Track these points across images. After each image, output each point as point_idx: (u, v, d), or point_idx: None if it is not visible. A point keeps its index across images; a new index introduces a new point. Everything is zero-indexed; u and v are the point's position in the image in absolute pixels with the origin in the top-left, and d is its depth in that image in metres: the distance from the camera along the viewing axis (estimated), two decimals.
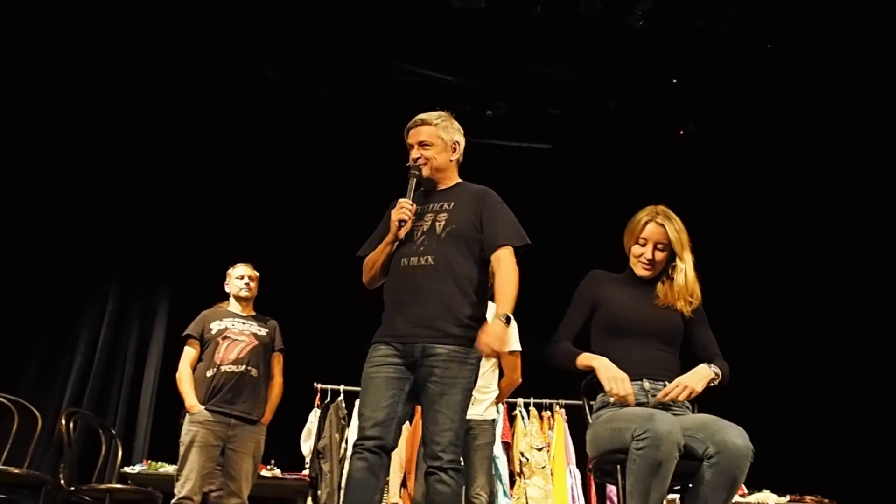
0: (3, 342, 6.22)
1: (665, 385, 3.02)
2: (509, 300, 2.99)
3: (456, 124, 3.37)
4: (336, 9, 6.48)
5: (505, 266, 3.05)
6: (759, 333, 7.75)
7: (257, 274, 5.05)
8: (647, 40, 6.63)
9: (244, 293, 4.95)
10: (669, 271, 3.21)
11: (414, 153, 3.25)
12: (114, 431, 5.84)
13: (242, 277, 4.96)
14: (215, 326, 4.81)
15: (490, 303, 3.40)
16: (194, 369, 4.77)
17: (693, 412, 3.12)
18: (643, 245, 3.19)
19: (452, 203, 3.21)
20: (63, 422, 4.77)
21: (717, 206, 8.15)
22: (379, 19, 6.63)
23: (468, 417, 3.32)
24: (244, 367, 4.70)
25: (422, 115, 3.31)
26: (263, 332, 4.90)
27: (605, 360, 3.01)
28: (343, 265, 7.11)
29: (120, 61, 6.87)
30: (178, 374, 4.80)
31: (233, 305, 4.99)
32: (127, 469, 5.98)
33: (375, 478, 2.87)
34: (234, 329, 4.81)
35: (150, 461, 6.21)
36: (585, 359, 3.06)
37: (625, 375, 2.95)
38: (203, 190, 7.63)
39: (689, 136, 7.74)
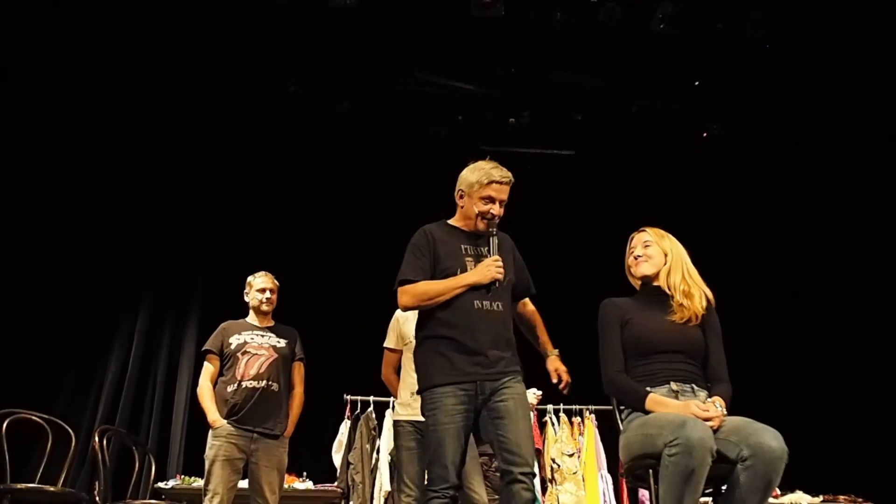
0: (37, 363, 6.32)
1: (692, 388, 3.07)
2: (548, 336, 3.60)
3: None
4: (357, 23, 6.51)
5: (534, 309, 3.67)
6: (789, 334, 7.69)
7: (277, 284, 5.01)
8: (669, 44, 6.60)
9: (265, 307, 4.92)
10: (669, 279, 3.29)
11: (495, 210, 3.43)
12: (147, 447, 5.89)
13: (264, 291, 4.91)
14: (234, 341, 4.78)
15: None
16: (215, 384, 4.76)
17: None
18: (633, 251, 3.41)
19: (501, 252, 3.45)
20: (97, 439, 4.81)
21: (742, 209, 8.11)
22: (399, 32, 6.66)
23: None
24: (265, 382, 4.67)
25: (509, 173, 3.46)
26: (283, 343, 4.86)
27: (672, 402, 3.00)
28: (373, 278, 7.21)
29: (144, 81, 6.96)
30: (198, 390, 4.79)
31: (251, 317, 4.96)
32: (161, 484, 6.03)
33: None
34: (254, 343, 4.78)
35: (183, 476, 6.27)
36: (655, 404, 3.01)
37: (696, 402, 2.96)
38: (229, 206, 7.69)
39: (712, 138, 7.70)
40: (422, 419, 3.39)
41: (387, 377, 4.75)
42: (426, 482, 3.23)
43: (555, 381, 3.41)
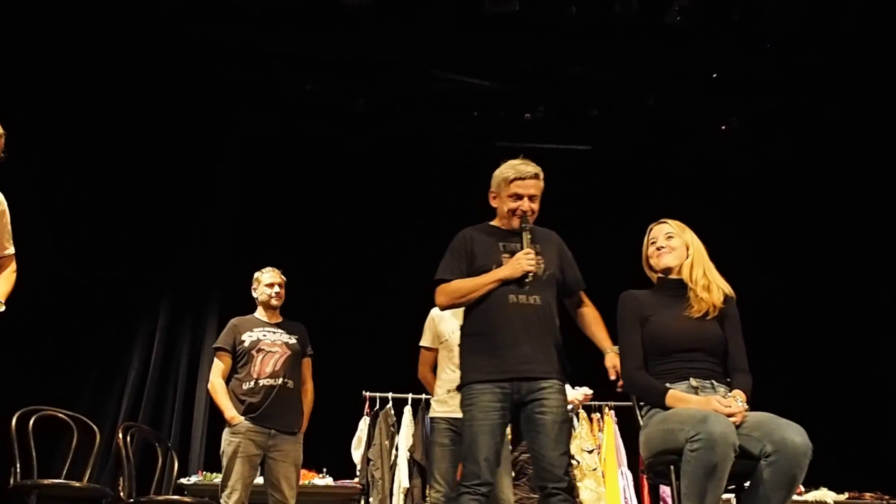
0: (61, 360, 6.38)
1: (712, 384, 3.05)
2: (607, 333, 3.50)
3: None
4: (371, 21, 6.52)
5: (592, 306, 3.60)
6: (812, 329, 7.63)
7: (285, 279, 5.03)
8: (685, 36, 6.57)
9: (274, 302, 4.94)
10: (692, 273, 3.25)
11: (525, 205, 3.46)
12: (169, 444, 5.94)
13: (272, 286, 4.94)
14: (247, 338, 4.80)
15: None
16: (227, 381, 4.79)
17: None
18: (654, 243, 3.37)
19: (539, 246, 3.46)
20: (120, 436, 4.86)
21: (761, 202, 8.04)
22: (413, 29, 6.67)
23: None
24: (281, 379, 4.70)
25: (536, 168, 3.51)
26: (293, 340, 4.88)
27: (693, 398, 2.98)
28: (390, 274, 7.23)
29: (164, 82, 7.01)
30: (210, 387, 4.82)
31: (259, 313, 4.98)
32: (183, 480, 6.11)
33: None
34: (267, 340, 4.80)
35: (205, 472, 6.33)
36: (675, 400, 3.00)
37: (717, 398, 2.94)
38: (247, 204, 7.74)
39: (731, 131, 7.64)
40: (458, 416, 3.43)
41: (423, 376, 4.77)
42: (460, 478, 3.25)
43: (612, 377, 3.38)
